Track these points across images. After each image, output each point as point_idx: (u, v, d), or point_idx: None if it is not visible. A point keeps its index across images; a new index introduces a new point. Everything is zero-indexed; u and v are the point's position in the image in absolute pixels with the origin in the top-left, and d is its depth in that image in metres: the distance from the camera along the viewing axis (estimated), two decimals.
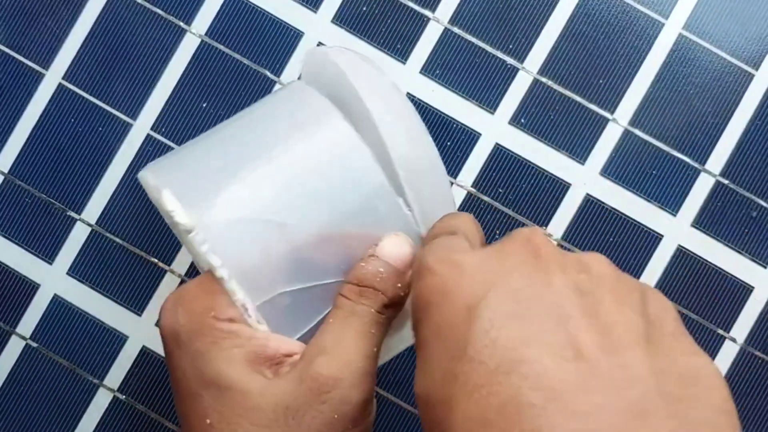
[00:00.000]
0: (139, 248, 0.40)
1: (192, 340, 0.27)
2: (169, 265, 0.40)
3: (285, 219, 0.27)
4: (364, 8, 0.40)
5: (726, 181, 0.40)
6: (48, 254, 0.40)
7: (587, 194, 0.40)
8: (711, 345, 0.39)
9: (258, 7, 0.40)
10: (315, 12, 0.40)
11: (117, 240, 0.40)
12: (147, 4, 0.40)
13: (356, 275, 0.28)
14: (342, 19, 0.40)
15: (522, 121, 0.40)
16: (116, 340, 0.40)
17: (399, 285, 0.28)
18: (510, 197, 0.40)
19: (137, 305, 0.40)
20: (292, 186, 0.28)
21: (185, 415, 0.27)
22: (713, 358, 0.39)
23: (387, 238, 0.28)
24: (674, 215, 0.40)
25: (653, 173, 0.40)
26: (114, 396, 0.40)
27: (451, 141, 0.40)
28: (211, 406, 0.26)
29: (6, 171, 0.40)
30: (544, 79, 0.40)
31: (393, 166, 0.28)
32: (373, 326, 0.27)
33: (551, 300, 0.21)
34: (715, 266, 0.39)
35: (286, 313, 0.28)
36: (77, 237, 0.40)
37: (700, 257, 0.39)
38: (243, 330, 0.27)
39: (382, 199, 0.28)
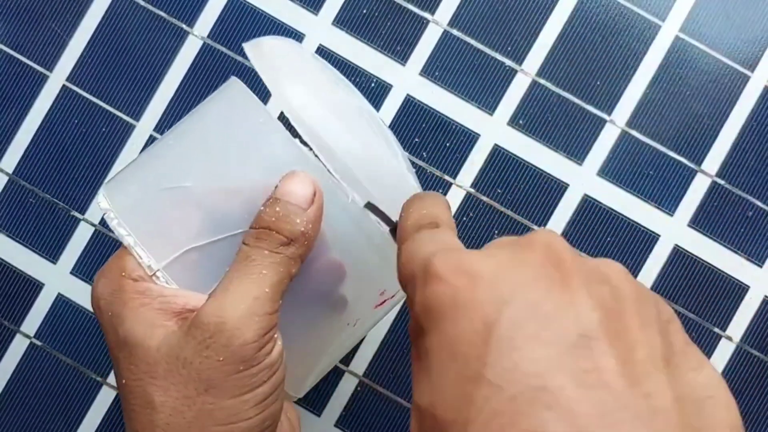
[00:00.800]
0: None
1: (109, 305, 0.28)
2: None
3: (188, 182, 0.29)
4: (365, 10, 0.40)
5: (722, 182, 0.40)
6: (52, 254, 0.41)
7: (585, 194, 0.40)
8: (707, 343, 0.40)
9: (259, 9, 0.41)
10: (316, 14, 0.40)
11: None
12: (149, 7, 0.41)
13: (256, 221, 0.28)
14: (342, 21, 0.40)
15: (520, 122, 0.40)
16: None
17: (298, 221, 0.28)
18: (508, 197, 0.40)
19: None
20: (196, 152, 0.30)
21: (115, 375, 0.28)
22: (710, 357, 0.39)
23: (283, 177, 0.28)
24: (671, 215, 0.40)
25: (650, 174, 0.40)
26: (117, 393, 0.40)
27: (450, 142, 0.40)
28: (125, 366, 0.27)
29: (10, 171, 0.41)
30: (542, 81, 0.40)
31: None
32: (267, 267, 0.27)
33: (574, 318, 0.20)
34: (712, 265, 0.40)
35: (197, 268, 0.29)
36: (81, 236, 0.41)
37: (696, 257, 0.40)
38: (152, 288, 0.28)
39: (286, 149, 0.29)
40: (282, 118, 0.29)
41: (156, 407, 0.26)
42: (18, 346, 0.41)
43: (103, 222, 0.41)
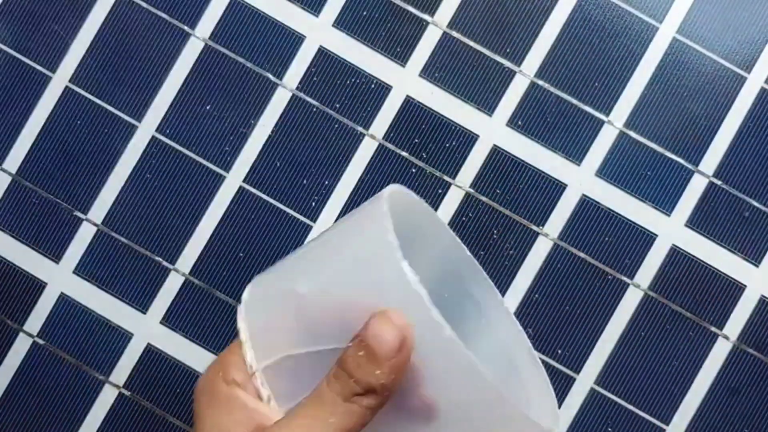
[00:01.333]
0: (143, 247, 0.41)
1: (199, 400, 0.29)
2: (173, 263, 0.41)
3: (304, 288, 0.28)
4: (365, 13, 0.41)
5: (719, 182, 0.40)
6: (55, 253, 0.41)
7: (583, 194, 0.40)
8: (704, 342, 0.40)
9: (260, 11, 0.41)
10: (317, 16, 0.41)
11: (122, 239, 0.41)
12: (152, 9, 0.41)
13: (339, 359, 0.27)
14: (343, 23, 0.41)
15: (519, 123, 0.41)
16: (121, 337, 0.41)
17: (378, 372, 0.26)
18: (507, 198, 0.40)
19: (142, 303, 0.41)
20: (320, 258, 0.29)
21: None
22: (707, 355, 0.40)
23: (374, 316, 0.26)
24: (668, 215, 0.40)
25: (648, 174, 0.40)
26: (119, 392, 0.41)
27: (450, 142, 0.41)
28: None
29: (14, 172, 0.41)
30: (540, 82, 0.41)
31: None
32: (336, 415, 0.26)
33: None
34: (708, 265, 0.40)
35: (290, 376, 0.29)
36: (83, 236, 0.41)
37: (693, 256, 0.40)
38: (239, 397, 0.28)
39: (398, 275, 0.27)
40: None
41: None
42: (21, 345, 0.41)
43: (105, 222, 0.41)
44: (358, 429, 0.27)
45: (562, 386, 0.40)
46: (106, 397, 0.41)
